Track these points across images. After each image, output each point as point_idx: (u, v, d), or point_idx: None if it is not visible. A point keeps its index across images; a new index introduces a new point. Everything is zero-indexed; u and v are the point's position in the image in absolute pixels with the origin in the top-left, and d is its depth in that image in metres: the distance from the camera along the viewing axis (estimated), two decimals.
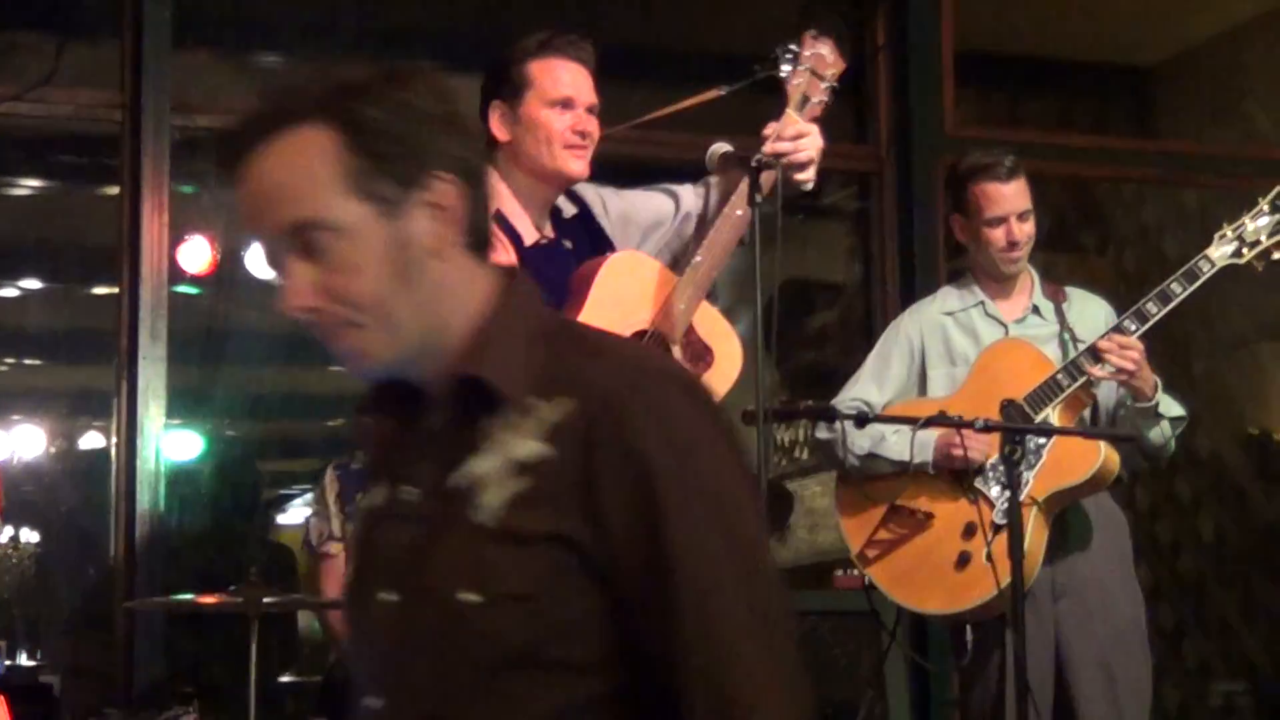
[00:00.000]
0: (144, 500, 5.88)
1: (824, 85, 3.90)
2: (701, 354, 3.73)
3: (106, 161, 6.34)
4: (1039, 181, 5.01)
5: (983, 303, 4.93)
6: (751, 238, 3.69)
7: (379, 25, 7.20)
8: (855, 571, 4.91)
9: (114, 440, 6.05)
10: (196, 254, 7.16)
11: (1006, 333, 4.88)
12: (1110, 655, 4.69)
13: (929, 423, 4.37)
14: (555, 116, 3.78)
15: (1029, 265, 4.98)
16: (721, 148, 3.84)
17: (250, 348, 9.14)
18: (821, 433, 4.83)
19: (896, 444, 4.67)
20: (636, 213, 3.92)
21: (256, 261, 7.54)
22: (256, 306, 8.75)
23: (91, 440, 8.65)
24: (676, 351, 3.72)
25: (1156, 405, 4.69)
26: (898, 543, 4.73)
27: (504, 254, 3.69)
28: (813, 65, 3.89)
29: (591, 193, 3.96)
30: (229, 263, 7.47)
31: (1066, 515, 4.71)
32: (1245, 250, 4.72)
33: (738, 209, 3.74)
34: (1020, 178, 4.88)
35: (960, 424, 4.26)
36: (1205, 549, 7.88)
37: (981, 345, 4.86)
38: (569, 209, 3.90)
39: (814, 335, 7.63)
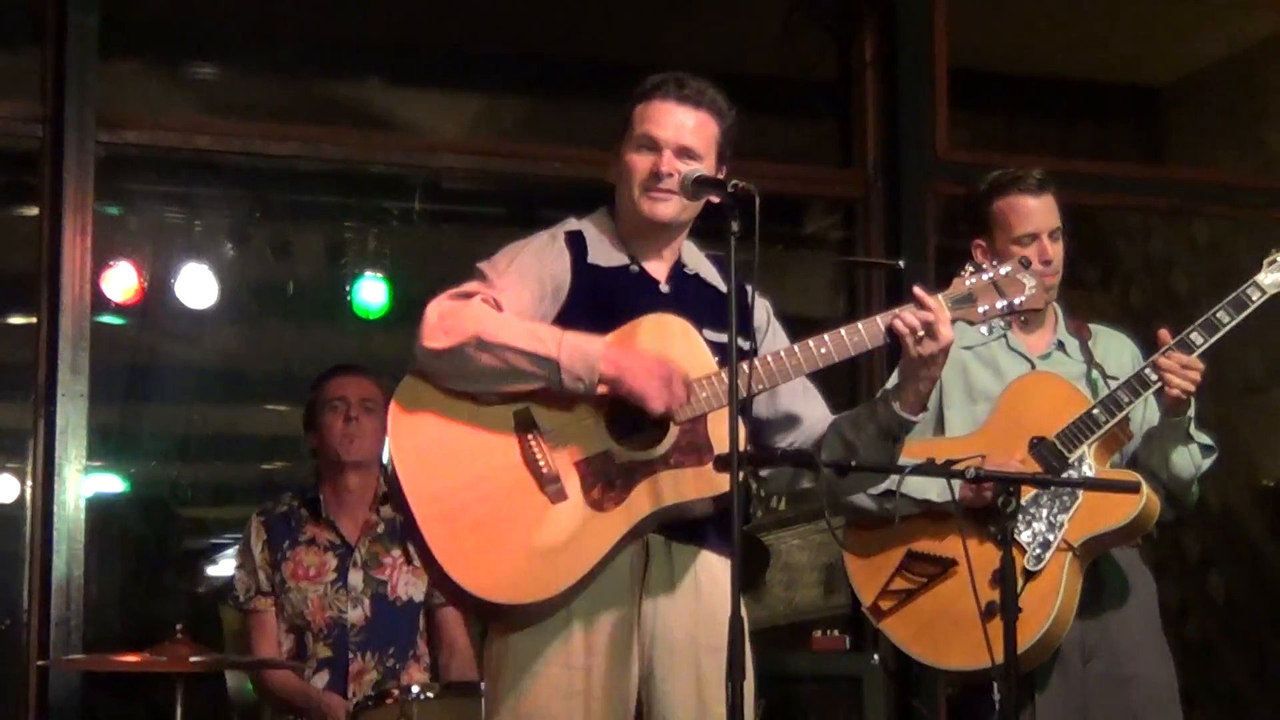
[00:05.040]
0: (61, 549, 5.86)
1: (999, 305, 3.97)
2: (700, 449, 3.81)
3: (25, 179, 6.34)
4: (984, 196, 4.96)
5: (1005, 336, 4.87)
6: (728, 273, 3.74)
7: (319, 35, 7.23)
8: (835, 632, 4.90)
9: (29, 484, 6.03)
10: (122, 281, 7.18)
11: (1032, 368, 4.84)
12: None
13: (916, 471, 4.34)
14: (636, 159, 3.93)
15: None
16: (696, 171, 3.88)
17: (179, 384, 9.14)
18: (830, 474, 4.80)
19: (918, 482, 4.58)
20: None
21: (186, 289, 7.55)
22: (186, 339, 8.75)
23: (5, 484, 8.62)
24: (672, 432, 3.79)
25: (1190, 420, 4.65)
26: (916, 593, 4.67)
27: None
28: (1003, 283, 3.97)
29: (761, 302, 4.06)
30: (157, 291, 7.47)
31: (1100, 568, 4.67)
32: None
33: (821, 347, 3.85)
34: (1050, 193, 4.85)
35: (950, 473, 4.24)
36: (1215, 610, 7.91)
37: (1005, 382, 4.81)
38: (698, 270, 4.03)
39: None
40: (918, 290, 3.93)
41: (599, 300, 3.88)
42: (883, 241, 6.94)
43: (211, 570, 9.54)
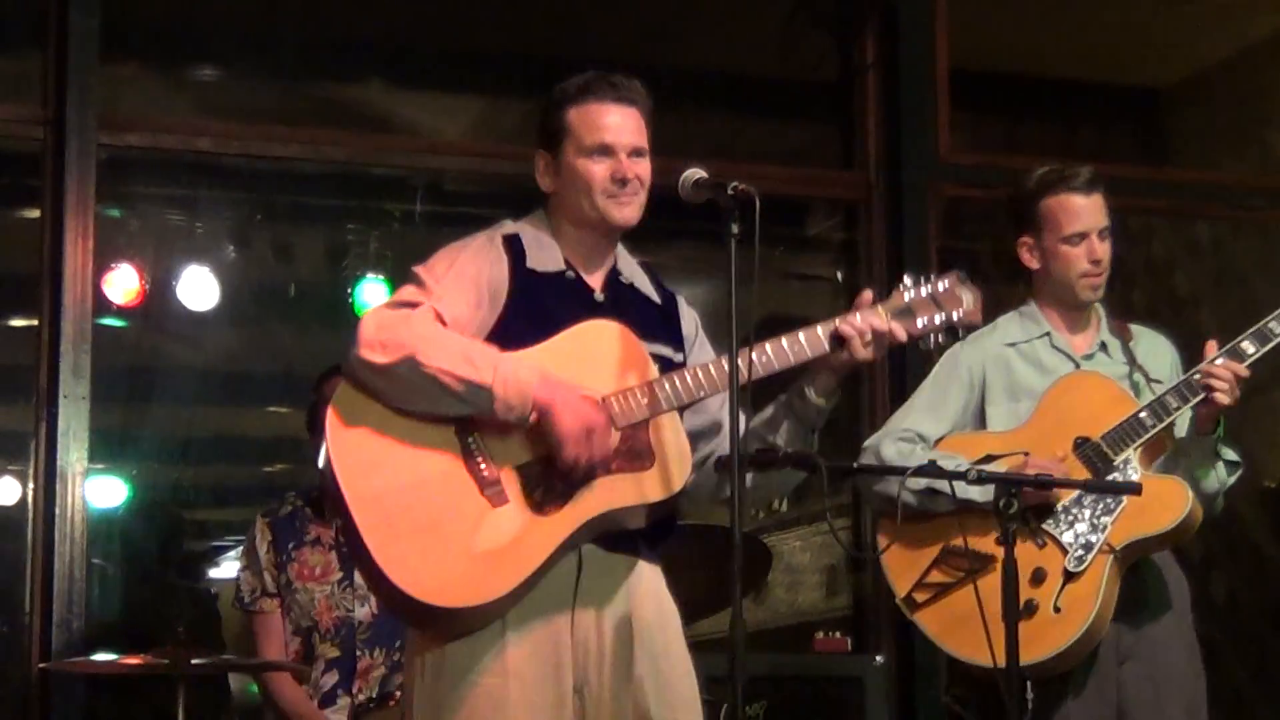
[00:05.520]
0: (63, 552, 5.87)
1: (939, 318, 3.96)
2: (641, 454, 3.80)
3: (27, 182, 6.35)
4: (1032, 194, 4.96)
5: (1049, 334, 4.85)
6: (728, 274, 3.73)
7: (320, 37, 7.23)
8: (837, 634, 4.90)
9: (31, 487, 6.04)
10: (123, 283, 7.19)
11: (1076, 368, 4.81)
12: None
13: (918, 472, 4.34)
14: (593, 165, 3.89)
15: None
16: (695, 174, 3.87)
17: (181, 386, 9.15)
18: (870, 463, 4.78)
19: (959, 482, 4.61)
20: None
21: (188, 291, 7.56)
22: (188, 341, 8.76)
23: (6, 487, 8.64)
24: (615, 436, 3.78)
25: (1219, 439, 4.65)
26: (952, 587, 4.65)
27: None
28: (941, 298, 3.97)
29: (689, 312, 4.08)
30: (158, 293, 7.48)
31: (1141, 571, 4.67)
32: None
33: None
34: (1099, 192, 4.80)
35: (952, 475, 4.25)
36: (1217, 612, 7.91)
37: (1048, 380, 4.77)
38: (632, 279, 4.02)
39: (796, 376, 7.65)
40: (860, 300, 3.94)
41: (535, 306, 3.85)
42: (884, 243, 6.95)
43: (213, 572, 9.56)
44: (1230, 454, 4.72)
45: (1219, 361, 4.58)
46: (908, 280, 3.99)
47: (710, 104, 7.69)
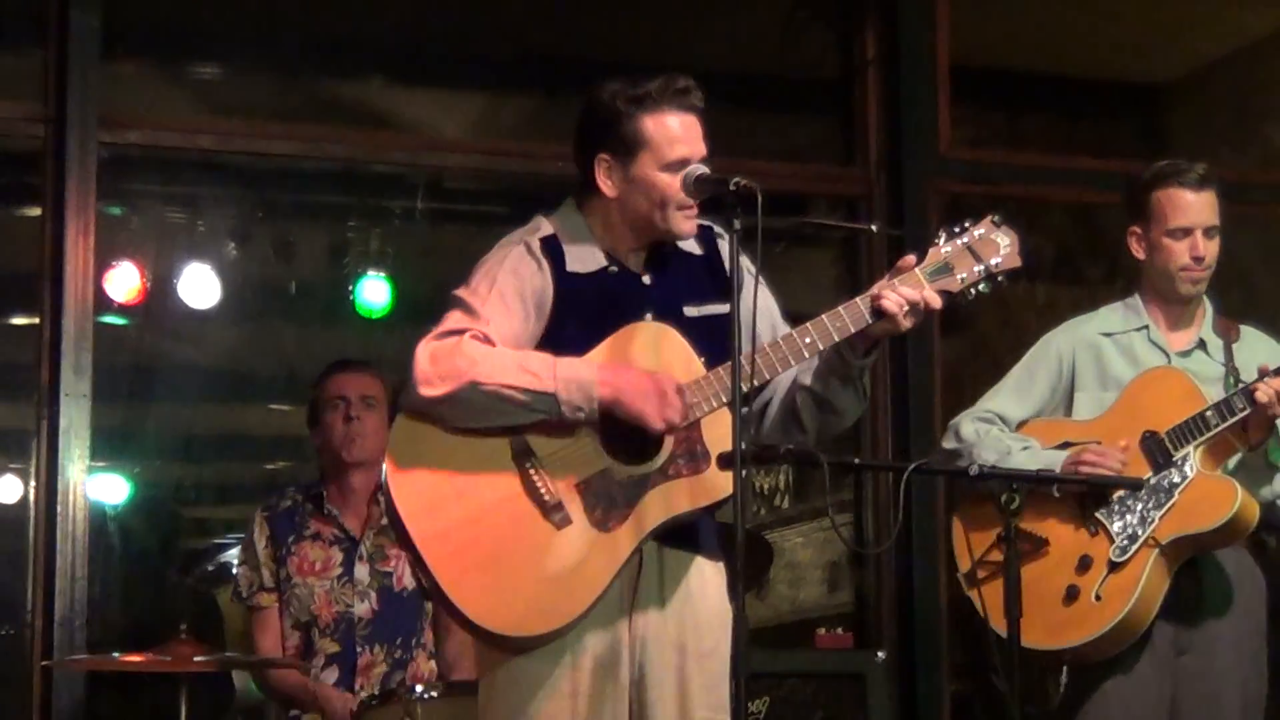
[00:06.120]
0: (64, 550, 5.87)
1: (979, 269, 3.92)
2: (697, 456, 3.80)
3: (27, 180, 6.34)
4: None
5: (1147, 327, 4.88)
6: (734, 265, 3.74)
7: (321, 34, 7.23)
8: (839, 630, 4.91)
9: (33, 485, 6.04)
10: (124, 281, 7.18)
11: (1169, 363, 4.84)
12: None
13: (917, 470, 4.36)
14: (671, 180, 3.86)
15: (1204, 294, 4.92)
16: (698, 169, 3.87)
17: (182, 384, 9.14)
18: (949, 442, 4.85)
19: (1025, 460, 4.64)
20: (767, 324, 3.99)
21: (189, 289, 7.55)
22: (189, 339, 8.76)
23: (8, 485, 8.63)
24: (668, 443, 3.79)
25: (1268, 452, 4.67)
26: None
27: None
28: (977, 246, 3.94)
29: (728, 249, 3.88)
30: (159, 291, 7.48)
31: (1202, 570, 4.68)
32: None
33: (804, 339, 3.81)
34: (1212, 189, 4.83)
35: (955, 473, 4.26)
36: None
37: (1138, 372, 4.82)
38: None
39: None
40: (902, 265, 3.93)
41: (583, 309, 3.85)
42: (886, 237, 6.94)
43: (215, 570, 9.55)
44: None
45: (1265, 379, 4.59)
46: (942, 234, 3.97)
47: (711, 100, 7.65)
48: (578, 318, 3.84)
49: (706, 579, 3.89)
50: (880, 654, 6.17)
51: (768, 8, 7.38)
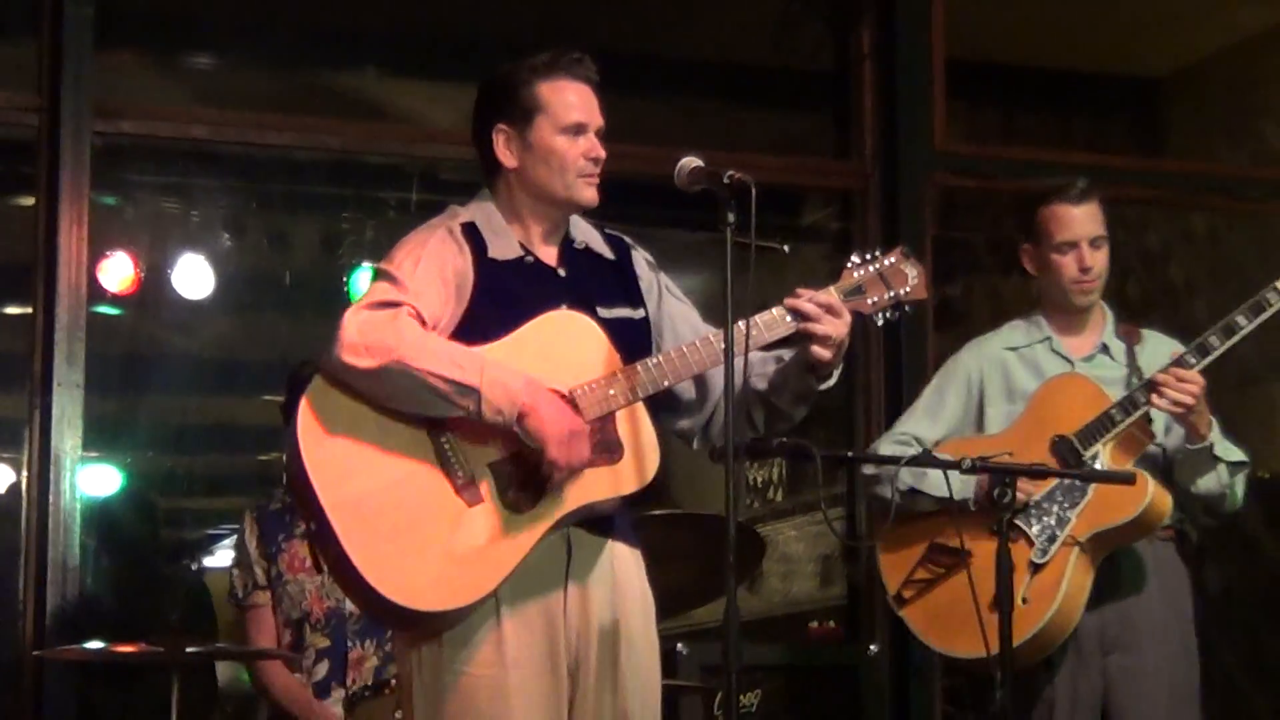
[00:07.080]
0: (57, 540, 5.87)
1: (888, 295, 3.97)
2: (611, 447, 3.79)
3: (20, 169, 6.34)
4: (1033, 203, 5.03)
5: (1049, 338, 4.98)
6: (722, 266, 3.74)
7: (316, 25, 7.23)
8: (831, 623, 4.94)
9: (25, 474, 6.04)
10: (118, 271, 7.18)
11: (1073, 369, 4.94)
12: None
13: (912, 461, 4.43)
14: (569, 144, 3.88)
15: (1102, 302, 5.02)
16: (692, 162, 3.86)
17: (175, 375, 9.14)
18: (867, 469, 4.95)
19: (939, 480, 4.68)
20: (686, 327, 4.02)
21: (183, 279, 7.56)
22: (183, 329, 8.76)
23: (0, 475, 8.63)
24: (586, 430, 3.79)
25: (1211, 446, 4.74)
26: (934, 582, 4.81)
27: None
28: (888, 274, 3.98)
29: (644, 260, 4.05)
30: (153, 281, 7.48)
31: (1118, 559, 4.76)
32: None
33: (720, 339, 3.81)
34: (1093, 202, 4.94)
35: (946, 464, 4.29)
36: (1211, 601, 7.91)
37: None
38: (586, 241, 4.00)
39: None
40: (808, 292, 3.93)
41: (501, 295, 3.83)
42: (880, 232, 6.94)
43: (208, 561, 9.56)
44: (1235, 454, 4.83)
45: (1169, 369, 4.70)
46: (855, 259, 4.02)
47: (706, 93, 7.68)
48: (496, 304, 3.82)
49: (628, 565, 3.88)
50: (873, 647, 6.19)
51: (763, 1, 7.38)
